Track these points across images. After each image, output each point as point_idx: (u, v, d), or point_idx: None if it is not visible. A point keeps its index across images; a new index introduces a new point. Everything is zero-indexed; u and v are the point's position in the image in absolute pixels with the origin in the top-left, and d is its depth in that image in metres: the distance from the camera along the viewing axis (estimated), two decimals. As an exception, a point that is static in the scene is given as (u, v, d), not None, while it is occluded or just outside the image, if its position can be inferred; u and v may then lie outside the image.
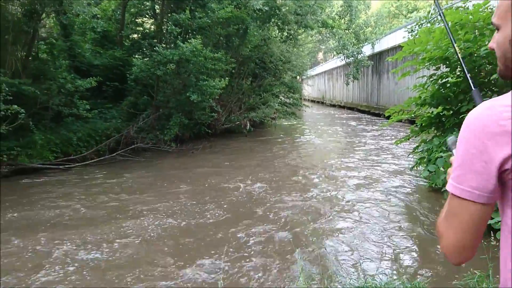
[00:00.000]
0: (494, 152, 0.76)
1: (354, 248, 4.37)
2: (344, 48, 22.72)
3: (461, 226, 0.82)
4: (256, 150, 11.89)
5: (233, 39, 13.43)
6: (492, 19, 0.87)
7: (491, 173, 0.77)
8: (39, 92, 8.74)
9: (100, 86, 11.10)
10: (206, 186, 7.37)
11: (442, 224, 0.86)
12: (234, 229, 5.01)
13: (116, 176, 8.29)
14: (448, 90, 5.96)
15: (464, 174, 0.80)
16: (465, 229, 0.82)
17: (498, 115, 0.76)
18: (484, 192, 0.79)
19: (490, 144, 0.76)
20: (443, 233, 0.85)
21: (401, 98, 16.31)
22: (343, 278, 3.57)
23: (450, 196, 0.84)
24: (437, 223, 0.89)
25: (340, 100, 32.18)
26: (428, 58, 5.70)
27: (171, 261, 4.13)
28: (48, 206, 6.13)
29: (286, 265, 3.99)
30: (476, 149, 0.78)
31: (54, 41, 10.62)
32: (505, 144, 0.74)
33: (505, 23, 0.82)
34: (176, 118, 11.09)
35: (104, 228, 5.11)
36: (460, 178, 0.81)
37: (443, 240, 0.85)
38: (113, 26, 13.47)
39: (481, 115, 0.79)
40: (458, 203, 0.82)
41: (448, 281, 3.36)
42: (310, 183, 7.57)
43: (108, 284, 3.67)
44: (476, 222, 0.81)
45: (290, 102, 18.51)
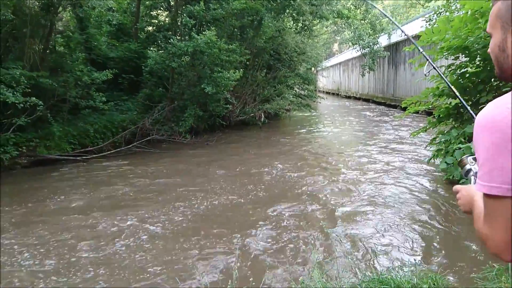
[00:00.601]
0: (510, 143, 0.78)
1: (369, 240, 4.34)
2: (359, 38, 22.39)
3: (503, 223, 0.81)
4: (274, 140, 11.89)
5: (247, 30, 13.37)
6: (487, 28, 0.96)
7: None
8: (57, 84, 8.88)
9: (116, 79, 11.21)
10: (237, 171, 7.78)
11: (484, 227, 0.87)
12: (271, 207, 5.53)
13: (143, 165, 8.63)
14: (467, 80, 5.84)
15: (490, 171, 0.81)
16: (508, 225, 0.81)
17: (506, 110, 0.80)
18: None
19: (505, 137, 0.78)
20: (488, 235, 0.85)
21: (418, 89, 16.05)
22: (357, 270, 3.55)
23: (483, 197, 0.86)
24: (477, 227, 0.91)
25: (355, 91, 31.84)
26: (447, 47, 5.57)
27: (225, 232, 4.71)
28: (106, 188, 6.76)
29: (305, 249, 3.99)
30: (494, 144, 0.79)
31: (70, 34, 10.75)
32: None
33: (495, 31, 0.92)
34: (191, 110, 11.13)
35: (158, 206, 5.67)
36: (486, 176, 0.82)
37: (490, 242, 0.85)
38: (128, 19, 13.56)
39: (490, 112, 0.83)
40: (492, 201, 0.82)
41: (466, 274, 3.31)
42: (332, 169, 7.71)
43: (178, 247, 4.34)
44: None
45: (304, 93, 18.38)
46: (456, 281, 3.20)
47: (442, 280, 2.92)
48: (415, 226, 4.72)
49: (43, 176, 7.73)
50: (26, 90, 7.88)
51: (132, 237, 4.62)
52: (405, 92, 20.07)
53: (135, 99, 11.82)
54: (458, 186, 1.22)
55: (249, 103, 15.05)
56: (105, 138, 10.01)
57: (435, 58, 6.26)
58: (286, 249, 4.19)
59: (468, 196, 1.11)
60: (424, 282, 2.81)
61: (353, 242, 4.33)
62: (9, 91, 7.58)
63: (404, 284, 2.69)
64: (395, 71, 22.50)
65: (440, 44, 5.76)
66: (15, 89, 7.71)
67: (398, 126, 14.06)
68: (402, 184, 6.55)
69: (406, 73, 20.45)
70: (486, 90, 5.53)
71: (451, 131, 6.06)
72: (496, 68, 0.95)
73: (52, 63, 9.76)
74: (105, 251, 4.26)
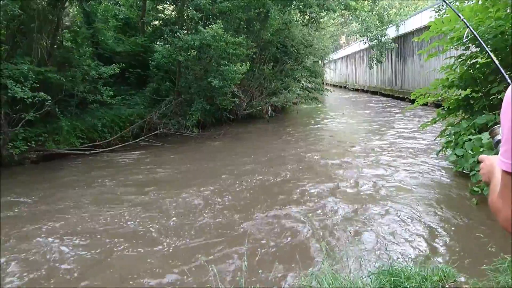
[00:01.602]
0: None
1: (379, 231, 4.31)
2: (367, 30, 22.19)
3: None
4: (283, 133, 11.86)
5: (254, 23, 13.30)
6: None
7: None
8: (64, 79, 8.91)
9: (123, 73, 11.22)
10: (266, 158, 8.30)
11: (498, 201, 0.90)
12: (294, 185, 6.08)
13: (161, 155, 9.04)
14: (478, 71, 5.75)
15: (510, 150, 0.82)
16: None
17: None
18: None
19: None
20: (501, 209, 0.89)
21: (427, 81, 15.88)
22: (367, 262, 3.53)
23: (501, 172, 0.87)
24: (491, 201, 0.94)
25: (363, 84, 31.60)
26: (457, 37, 5.49)
27: (265, 205, 5.36)
28: (137, 175, 7.29)
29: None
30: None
31: (77, 29, 10.76)
32: None
33: None
34: (198, 103, 11.13)
35: (194, 186, 6.26)
36: (508, 153, 0.83)
37: (502, 215, 0.89)
38: (135, 13, 13.54)
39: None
40: (508, 178, 0.85)
41: (477, 265, 3.28)
42: (340, 161, 7.76)
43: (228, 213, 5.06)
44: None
45: (312, 86, 18.28)
46: (467, 273, 3.17)
47: (452, 272, 2.89)
48: (424, 218, 4.68)
49: (78, 168, 8.02)
50: (34, 85, 7.92)
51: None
52: (413, 84, 19.88)
53: (142, 94, 11.84)
54: (484, 155, 1.22)
55: (256, 96, 15.00)
56: (113, 133, 10.04)
57: (445, 49, 6.17)
58: (295, 241, 4.18)
59: (491, 166, 1.11)
60: (435, 273, 2.79)
61: (363, 234, 4.31)
62: (18, 86, 7.62)
63: (414, 276, 2.67)
64: (403, 63, 22.27)
65: (450, 34, 5.68)
66: (23, 84, 7.75)
67: (406, 118, 13.95)
68: (411, 176, 6.50)
69: (415, 65, 20.24)
70: (497, 81, 5.44)
71: (461, 123, 5.98)
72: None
73: (60, 58, 9.78)
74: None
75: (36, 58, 8.92)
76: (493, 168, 1.07)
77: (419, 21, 19.40)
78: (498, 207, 0.90)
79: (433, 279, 2.72)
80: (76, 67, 9.58)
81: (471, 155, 5.13)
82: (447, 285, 2.78)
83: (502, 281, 2.67)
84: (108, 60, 11.07)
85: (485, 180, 1.14)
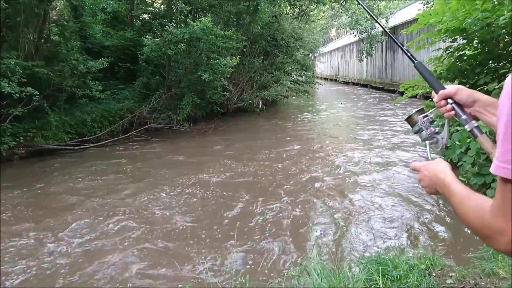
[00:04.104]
0: None
1: (366, 223, 4.37)
2: (357, 23, 22.27)
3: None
4: (274, 126, 11.87)
5: (243, 16, 13.24)
6: None
7: None
8: (52, 74, 8.81)
9: (112, 67, 11.13)
10: (257, 152, 8.30)
11: (497, 219, 0.69)
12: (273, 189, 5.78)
13: (152, 149, 9.05)
14: (465, 63, 5.80)
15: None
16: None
17: None
18: None
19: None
20: (504, 229, 0.68)
21: (416, 74, 15.88)
22: (356, 251, 3.58)
23: (506, 182, 0.67)
24: (485, 220, 0.72)
25: (353, 77, 31.71)
26: (444, 29, 5.52)
27: (252, 196, 5.42)
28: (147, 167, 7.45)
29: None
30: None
31: (65, 23, 10.62)
32: None
33: None
34: (188, 97, 11.09)
35: (199, 174, 6.55)
36: (508, 154, 0.65)
37: (504, 236, 0.68)
38: (123, 7, 13.39)
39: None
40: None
41: (463, 254, 3.35)
42: (329, 153, 7.69)
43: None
44: None
45: (302, 80, 18.29)
46: (453, 261, 3.23)
47: (439, 260, 2.95)
48: (411, 209, 4.74)
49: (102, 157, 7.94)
50: (22, 80, 7.81)
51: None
52: (403, 76, 20.00)
53: (132, 88, 11.75)
54: (417, 164, 1.07)
55: (247, 90, 14.98)
56: (103, 127, 9.98)
57: (433, 41, 6.21)
58: (284, 232, 4.21)
59: (434, 176, 0.97)
60: (422, 262, 2.84)
61: (351, 224, 4.36)
62: (5, 81, 7.52)
63: (402, 265, 2.71)
64: (393, 55, 22.38)
65: (438, 26, 5.71)
66: (10, 79, 7.64)
67: (396, 110, 14.05)
68: (398, 167, 6.57)
69: (404, 58, 20.32)
70: (484, 72, 5.50)
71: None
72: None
73: (47, 53, 9.66)
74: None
75: (23, 53, 8.80)
76: (438, 177, 0.94)
77: (408, 13, 19.49)
78: (500, 227, 0.68)
79: (420, 267, 2.76)
80: (64, 61, 9.47)
81: (458, 145, 5.20)
82: (434, 273, 2.83)
83: (487, 268, 2.73)
84: (97, 54, 10.95)
85: (431, 193, 1.02)
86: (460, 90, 1.07)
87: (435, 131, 1.14)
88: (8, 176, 7.01)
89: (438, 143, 1.14)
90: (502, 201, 0.68)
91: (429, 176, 1.00)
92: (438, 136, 1.14)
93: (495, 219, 0.70)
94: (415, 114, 1.16)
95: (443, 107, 1.09)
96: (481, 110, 1.04)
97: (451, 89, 1.08)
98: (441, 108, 1.10)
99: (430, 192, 1.01)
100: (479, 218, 0.74)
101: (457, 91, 1.07)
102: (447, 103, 1.08)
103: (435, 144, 1.14)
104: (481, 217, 0.73)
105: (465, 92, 1.07)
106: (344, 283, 2.49)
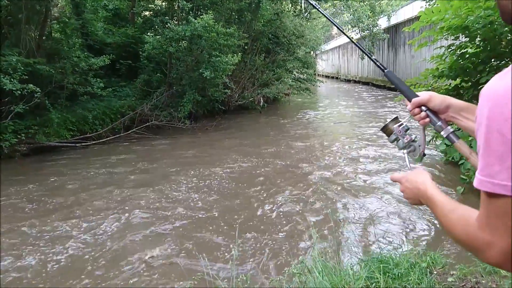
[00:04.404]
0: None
1: (368, 222, 4.37)
2: (359, 21, 22.20)
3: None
4: (276, 124, 11.87)
5: (245, 13, 13.22)
6: None
7: None
8: (54, 71, 8.81)
9: (114, 65, 11.13)
10: (258, 149, 7.90)
11: (484, 233, 0.69)
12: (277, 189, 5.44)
13: (153, 146, 9.03)
14: (467, 61, 5.78)
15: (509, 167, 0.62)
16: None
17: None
18: None
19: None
20: (491, 242, 0.68)
21: (417, 72, 15.94)
22: (357, 249, 3.59)
23: (484, 195, 0.68)
24: (472, 234, 0.72)
25: (355, 75, 31.65)
26: (447, 27, 5.50)
27: (254, 193, 5.45)
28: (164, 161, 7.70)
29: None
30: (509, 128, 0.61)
31: (66, 20, 10.61)
32: None
33: None
34: (189, 95, 11.08)
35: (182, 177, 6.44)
36: (506, 172, 0.62)
37: (492, 249, 0.68)
38: (125, 4, 13.40)
39: (501, 85, 0.64)
40: (507, 203, 0.64)
41: (464, 252, 3.34)
42: (338, 143, 7.66)
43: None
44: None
45: (304, 77, 18.26)
46: (454, 260, 3.23)
47: (440, 258, 2.95)
48: (412, 208, 4.74)
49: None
50: (23, 77, 7.82)
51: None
52: (405, 74, 19.96)
53: (133, 85, 11.76)
54: (397, 175, 1.06)
55: (248, 87, 14.96)
56: (104, 125, 9.99)
57: (435, 39, 6.19)
58: (285, 229, 4.22)
59: (415, 188, 0.96)
60: (423, 260, 2.84)
61: (353, 222, 4.36)
62: (6, 78, 7.52)
63: (403, 263, 2.71)
64: (394, 53, 22.34)
65: (440, 24, 5.69)
66: (12, 76, 7.65)
67: (397, 108, 14.02)
68: (400, 165, 6.56)
69: (406, 56, 20.30)
70: (486, 71, 5.48)
71: (450, 112, 6.02)
72: (500, 12, 0.77)
73: (49, 50, 9.67)
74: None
75: (25, 50, 8.80)
76: (421, 191, 0.93)
77: (410, 11, 19.43)
78: (488, 241, 0.68)
79: (421, 265, 2.77)
80: (65, 58, 9.47)
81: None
82: (435, 271, 2.83)
83: (489, 267, 2.72)
84: (98, 51, 10.95)
85: (415, 204, 1.00)
86: (433, 96, 1.08)
87: (411, 139, 1.14)
88: (12, 171, 7.04)
89: (415, 151, 1.14)
90: (488, 214, 0.68)
91: (410, 188, 0.99)
92: (415, 144, 1.14)
93: (481, 233, 0.70)
94: (390, 123, 1.15)
95: (417, 114, 1.10)
96: (455, 115, 1.05)
97: (424, 96, 1.09)
98: (415, 116, 1.10)
99: (414, 203, 1.01)
100: (465, 231, 0.74)
101: (430, 98, 1.08)
102: (421, 111, 1.09)
103: (412, 152, 1.14)
104: (467, 231, 0.73)
105: (438, 99, 1.07)
106: (345, 281, 2.49)
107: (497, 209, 0.66)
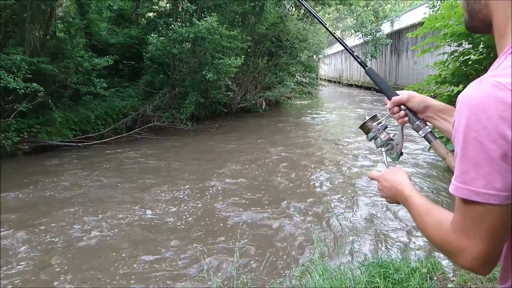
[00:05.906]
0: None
1: (369, 226, 4.37)
2: (362, 26, 22.24)
3: (491, 233, 0.66)
4: (277, 127, 11.88)
5: (249, 16, 13.26)
6: None
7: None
8: (57, 70, 8.84)
9: (117, 65, 11.16)
10: (258, 153, 7.85)
11: (458, 237, 0.70)
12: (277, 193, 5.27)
13: (154, 147, 9.02)
14: (470, 68, 5.79)
15: (488, 174, 0.63)
16: (496, 236, 0.67)
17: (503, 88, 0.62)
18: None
19: (505, 126, 0.60)
20: (466, 247, 0.68)
21: (420, 77, 15.96)
22: (357, 254, 3.59)
23: (459, 201, 0.68)
24: (446, 238, 0.72)
25: (357, 79, 31.67)
26: (450, 33, 5.52)
27: (256, 196, 4.88)
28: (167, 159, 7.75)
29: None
30: (491, 138, 0.61)
31: (71, 19, 10.65)
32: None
33: None
34: (192, 96, 11.10)
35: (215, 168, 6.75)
36: (482, 180, 0.63)
37: (466, 253, 0.68)
38: (129, 5, 13.45)
39: (482, 92, 0.64)
40: (482, 209, 0.65)
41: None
42: (330, 157, 7.63)
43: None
44: (506, 224, 0.66)
45: (306, 81, 18.29)
46: (454, 265, 3.23)
47: (441, 264, 2.95)
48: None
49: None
50: (27, 75, 7.84)
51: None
52: (407, 80, 19.98)
53: (136, 86, 11.79)
54: (375, 173, 1.08)
55: (250, 90, 14.99)
56: (106, 125, 10.01)
57: (438, 45, 6.20)
58: (286, 232, 4.22)
59: (393, 188, 0.96)
60: (423, 266, 2.84)
61: (353, 226, 4.36)
62: (10, 76, 7.55)
63: (403, 268, 2.72)
64: (397, 58, 22.35)
65: (444, 30, 5.70)
66: (16, 74, 7.67)
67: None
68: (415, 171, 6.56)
69: (409, 61, 20.32)
70: (488, 77, 5.49)
71: (453, 119, 6.03)
72: (465, 12, 0.79)
73: (53, 49, 9.70)
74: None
75: (29, 49, 8.84)
76: (398, 191, 0.93)
77: (413, 17, 19.46)
78: (461, 245, 0.69)
79: (422, 271, 2.77)
80: (69, 58, 9.49)
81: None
82: (435, 277, 2.83)
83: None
84: (102, 51, 10.99)
85: (392, 203, 1.00)
86: (412, 96, 1.09)
87: (389, 137, 1.14)
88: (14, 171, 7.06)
89: (393, 150, 1.15)
90: (463, 219, 0.69)
91: (388, 187, 1.00)
92: (393, 142, 1.15)
93: (456, 237, 0.70)
94: (369, 121, 1.15)
95: (397, 113, 1.11)
96: (433, 115, 1.07)
97: (404, 95, 1.10)
98: (394, 115, 1.12)
99: (391, 202, 1.01)
100: (439, 235, 0.75)
101: (409, 98, 1.09)
102: (400, 109, 1.10)
103: (390, 151, 1.15)
104: (442, 234, 0.74)
105: (417, 98, 1.08)
106: (345, 284, 2.49)
107: (472, 215, 0.67)
